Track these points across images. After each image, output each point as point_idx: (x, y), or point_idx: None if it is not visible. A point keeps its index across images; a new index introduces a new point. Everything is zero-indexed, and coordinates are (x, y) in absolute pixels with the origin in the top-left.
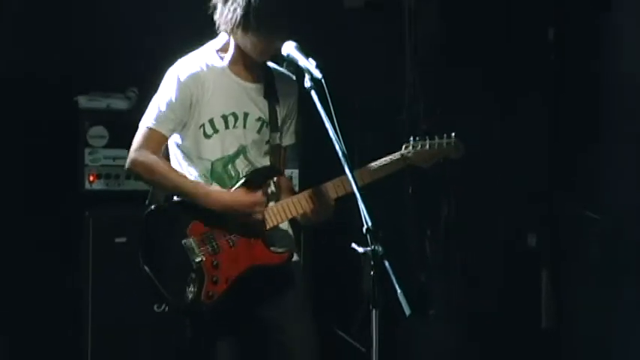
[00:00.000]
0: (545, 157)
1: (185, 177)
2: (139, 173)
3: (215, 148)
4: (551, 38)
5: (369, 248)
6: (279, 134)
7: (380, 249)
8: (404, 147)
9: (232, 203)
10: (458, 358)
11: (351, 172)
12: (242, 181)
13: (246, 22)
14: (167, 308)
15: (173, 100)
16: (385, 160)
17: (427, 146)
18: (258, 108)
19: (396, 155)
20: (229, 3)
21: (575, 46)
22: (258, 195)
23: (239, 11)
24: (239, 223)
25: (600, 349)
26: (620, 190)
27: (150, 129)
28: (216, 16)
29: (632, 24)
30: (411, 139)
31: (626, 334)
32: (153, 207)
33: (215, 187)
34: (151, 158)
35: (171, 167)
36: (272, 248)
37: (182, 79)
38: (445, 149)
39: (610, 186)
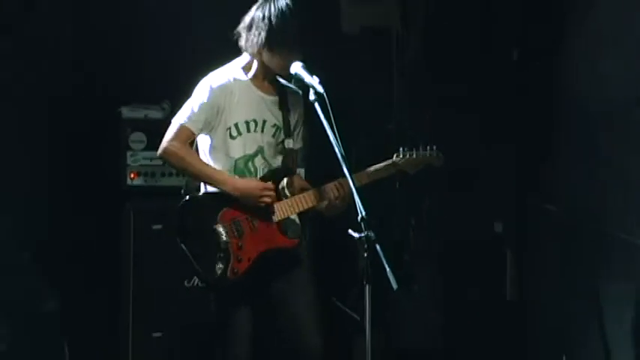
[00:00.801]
0: (513, 160)
1: (208, 165)
2: (169, 159)
3: (239, 148)
4: (515, 58)
5: (363, 234)
6: (291, 139)
7: (372, 234)
8: (395, 155)
9: (244, 188)
10: (436, 325)
11: (349, 170)
12: (259, 177)
13: (270, 43)
14: (197, 283)
15: (204, 104)
16: (379, 166)
17: (414, 155)
18: (273, 116)
19: (388, 162)
20: (253, 29)
21: (536, 64)
22: (268, 184)
23: (263, 35)
24: (256, 209)
25: (556, 316)
26: (572, 187)
27: (182, 125)
28: (241, 42)
29: (583, 45)
30: (401, 149)
31: (579, 303)
32: (188, 197)
33: (230, 178)
34: (180, 148)
35: (197, 156)
36: (286, 234)
37: (214, 88)
38: (428, 158)
39: (564, 184)
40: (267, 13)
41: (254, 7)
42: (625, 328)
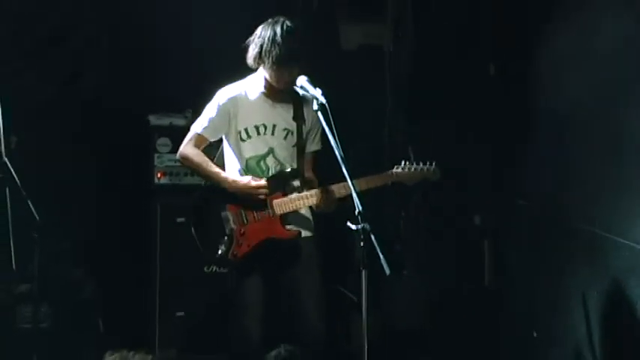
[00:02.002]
0: (489, 161)
1: (215, 167)
2: (184, 162)
3: (250, 149)
4: (492, 73)
5: (360, 226)
6: (304, 143)
7: (367, 227)
8: (395, 167)
9: (242, 186)
10: (423, 306)
11: (347, 171)
12: (267, 177)
13: (261, 58)
14: (215, 269)
15: (216, 114)
16: (379, 175)
17: (413, 169)
18: (284, 121)
19: (388, 173)
20: (253, 45)
21: (510, 78)
22: (260, 182)
23: (257, 50)
24: (260, 203)
25: (527, 297)
26: (540, 184)
27: (197, 133)
28: (247, 54)
29: (549, 62)
30: (403, 162)
31: (547, 286)
32: (204, 185)
33: (229, 177)
34: (194, 152)
35: (207, 160)
36: (287, 227)
37: (224, 100)
38: (426, 173)
39: (534, 182)
40: (264, 34)
41: (259, 27)
42: (587, 307)
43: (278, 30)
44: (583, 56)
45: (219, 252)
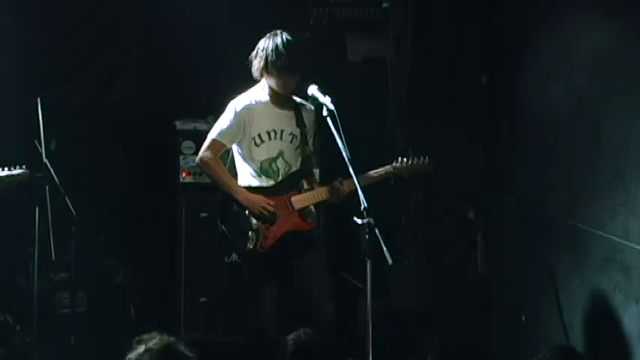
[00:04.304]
0: (483, 162)
1: (230, 178)
2: (202, 167)
3: (263, 152)
4: (484, 82)
5: (365, 220)
6: (307, 146)
7: (372, 221)
8: (394, 162)
9: (250, 201)
10: (421, 292)
11: (354, 171)
12: (279, 180)
13: (267, 69)
14: (234, 259)
15: (232, 122)
16: (381, 170)
17: (409, 163)
18: (290, 127)
19: (388, 167)
20: (257, 58)
21: (500, 88)
22: (269, 200)
23: (262, 62)
24: (266, 217)
25: (516, 284)
26: (528, 184)
27: (214, 139)
28: (252, 68)
29: (536, 73)
30: (400, 157)
31: (534, 274)
32: None
33: (244, 191)
34: (212, 160)
35: (224, 169)
36: (305, 220)
37: (239, 109)
38: (421, 166)
39: (521, 181)
40: (266, 46)
41: (260, 42)
42: (570, 293)
43: (279, 41)
44: (565, 68)
45: (249, 245)
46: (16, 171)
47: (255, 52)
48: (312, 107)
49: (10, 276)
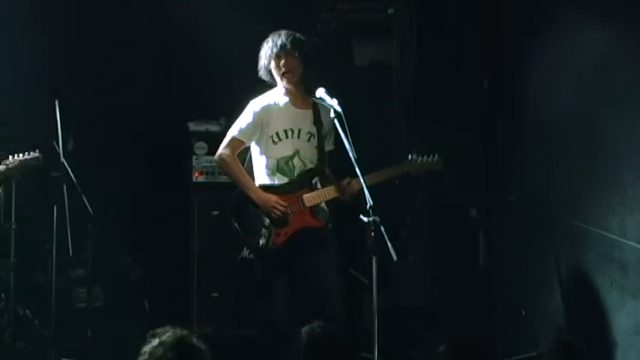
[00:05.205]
0: (484, 163)
1: (246, 176)
2: (221, 164)
3: (279, 150)
4: (486, 86)
5: (371, 218)
6: (323, 144)
7: (377, 219)
8: (405, 160)
9: (264, 200)
10: (426, 286)
11: (361, 170)
12: (293, 178)
13: (266, 66)
14: (246, 255)
15: (251, 121)
16: (389, 169)
17: (419, 161)
18: (307, 126)
19: (400, 165)
20: (260, 59)
21: (501, 92)
22: (281, 201)
23: (261, 61)
24: (278, 218)
25: (516, 279)
26: (528, 183)
27: (234, 137)
28: (259, 72)
29: (536, 76)
30: (410, 155)
31: (533, 269)
32: None
33: (259, 189)
34: (230, 158)
35: (240, 167)
36: (317, 217)
37: (258, 108)
38: (431, 163)
39: (521, 181)
40: (262, 48)
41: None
42: (567, 288)
43: (269, 38)
44: (564, 72)
45: (261, 242)
46: (29, 155)
47: (259, 58)
48: (330, 106)
49: (29, 272)
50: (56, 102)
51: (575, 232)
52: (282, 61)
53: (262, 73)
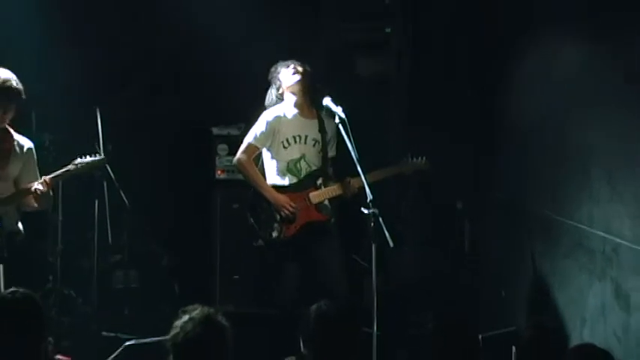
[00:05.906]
0: (471, 160)
1: (260, 178)
2: (238, 168)
3: (289, 154)
4: (469, 95)
5: (370, 211)
6: (327, 150)
7: (376, 211)
8: (400, 161)
9: (276, 200)
10: (417, 268)
11: (363, 171)
12: (300, 178)
13: (279, 75)
14: (261, 243)
15: (265, 130)
16: (387, 169)
17: (410, 162)
18: (313, 133)
19: (393, 166)
20: (272, 84)
21: (484, 98)
22: (291, 203)
23: (276, 79)
24: (287, 216)
25: (497, 264)
26: (510, 179)
27: (250, 143)
28: (271, 96)
29: (517, 85)
30: (404, 157)
31: (513, 256)
32: None
33: (272, 190)
34: (246, 162)
35: (255, 170)
36: (321, 212)
37: (270, 118)
38: (419, 164)
39: (504, 177)
40: (270, 75)
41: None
42: (541, 272)
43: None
44: (539, 83)
45: (274, 235)
46: (96, 157)
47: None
48: (333, 116)
49: (74, 257)
50: (97, 109)
51: (549, 223)
52: (292, 65)
53: (273, 99)
